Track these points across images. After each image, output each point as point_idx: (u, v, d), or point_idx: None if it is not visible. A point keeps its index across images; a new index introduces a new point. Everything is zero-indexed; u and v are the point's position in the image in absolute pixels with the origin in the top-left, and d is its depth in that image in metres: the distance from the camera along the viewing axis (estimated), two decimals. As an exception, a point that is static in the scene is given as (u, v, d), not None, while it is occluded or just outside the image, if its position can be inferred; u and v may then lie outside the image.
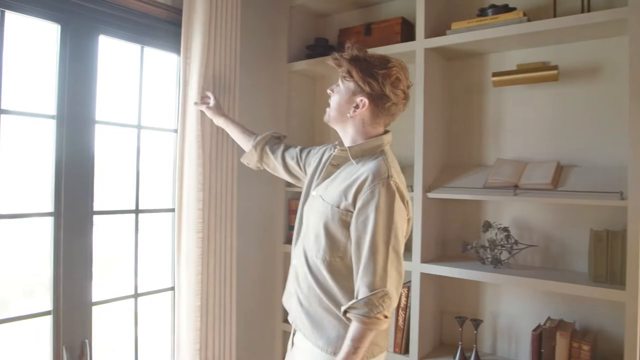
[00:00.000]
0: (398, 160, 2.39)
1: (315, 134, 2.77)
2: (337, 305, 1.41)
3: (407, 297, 2.15)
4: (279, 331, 2.59)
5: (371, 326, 1.31)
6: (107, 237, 1.96)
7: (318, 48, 2.54)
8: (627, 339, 1.65)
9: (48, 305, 1.74)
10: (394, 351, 2.17)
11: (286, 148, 1.80)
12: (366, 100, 1.43)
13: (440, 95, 2.23)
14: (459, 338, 2.13)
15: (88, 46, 1.81)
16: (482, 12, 2.03)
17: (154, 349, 2.16)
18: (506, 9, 1.97)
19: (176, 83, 2.15)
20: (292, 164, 1.77)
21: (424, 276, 2.10)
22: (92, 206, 1.84)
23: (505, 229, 2.02)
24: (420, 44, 2.11)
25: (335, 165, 1.52)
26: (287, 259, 2.59)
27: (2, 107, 1.61)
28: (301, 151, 1.75)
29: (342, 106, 1.47)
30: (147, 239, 2.07)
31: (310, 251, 1.47)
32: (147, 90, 2.03)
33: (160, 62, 2.13)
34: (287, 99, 2.58)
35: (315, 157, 1.68)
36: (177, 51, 2.06)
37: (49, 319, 1.75)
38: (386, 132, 1.53)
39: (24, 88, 1.71)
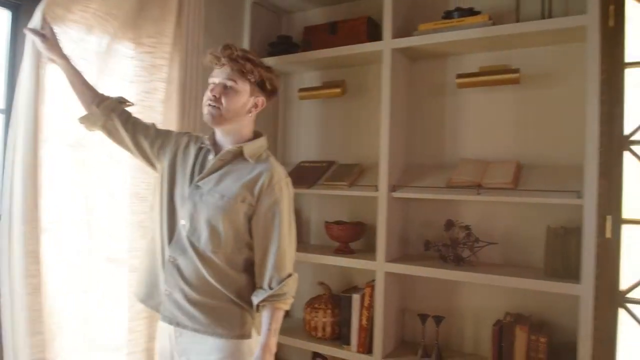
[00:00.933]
0: (362, 160, 2.43)
1: (277, 131, 2.73)
2: (238, 294, 1.49)
3: (371, 296, 2.16)
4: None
5: (285, 307, 1.50)
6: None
7: (281, 45, 2.49)
8: (581, 330, 1.73)
9: None
10: (358, 351, 2.17)
11: (136, 122, 1.65)
12: (265, 100, 1.55)
13: (403, 96, 2.26)
14: (420, 335, 2.16)
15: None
16: (448, 15, 2.07)
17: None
18: (471, 12, 2.02)
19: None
20: (144, 143, 1.61)
21: (387, 275, 2.11)
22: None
23: (467, 227, 2.07)
24: (388, 44, 2.12)
25: (223, 160, 1.51)
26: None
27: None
28: (157, 135, 1.63)
29: (242, 108, 1.50)
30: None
31: (203, 245, 1.46)
32: None
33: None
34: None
35: (173, 146, 1.60)
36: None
37: None
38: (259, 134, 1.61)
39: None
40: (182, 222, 1.49)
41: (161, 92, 1.88)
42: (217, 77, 1.47)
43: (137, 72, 1.87)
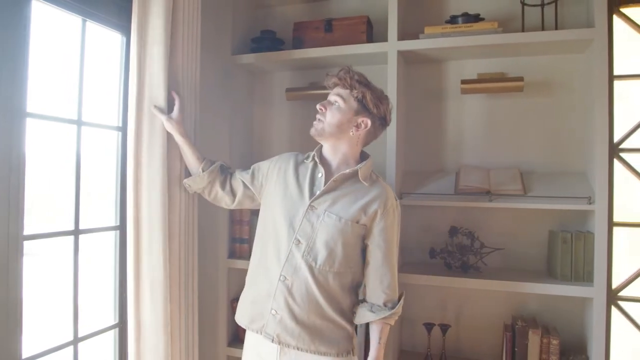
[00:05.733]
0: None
1: (254, 132, 2.52)
2: (342, 314, 1.56)
3: (379, 308, 2.07)
4: (223, 356, 2.29)
5: (393, 323, 1.60)
6: (36, 270, 1.49)
7: (265, 41, 2.29)
8: (595, 330, 1.81)
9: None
10: (361, 365, 2.07)
11: (231, 178, 1.76)
12: (369, 122, 1.56)
13: (400, 100, 2.19)
14: (420, 345, 2.12)
15: (18, 12, 1.34)
16: (453, 20, 2.04)
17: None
18: (477, 18, 2.01)
19: (120, 69, 1.72)
20: (241, 192, 1.73)
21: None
22: (22, 229, 1.37)
23: (471, 234, 2.07)
24: (393, 46, 2.04)
25: (337, 181, 1.56)
26: (231, 274, 2.30)
27: None
28: (253, 176, 1.72)
29: (344, 124, 1.54)
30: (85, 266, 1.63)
31: (321, 265, 1.51)
32: (89, 77, 1.59)
33: (101, 41, 1.69)
34: (231, 96, 2.29)
35: (278, 169, 1.66)
36: (123, 30, 1.65)
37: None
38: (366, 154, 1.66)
39: None
40: (297, 242, 1.52)
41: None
42: (329, 96, 1.57)
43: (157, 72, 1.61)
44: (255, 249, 1.65)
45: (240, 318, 1.62)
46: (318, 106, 1.57)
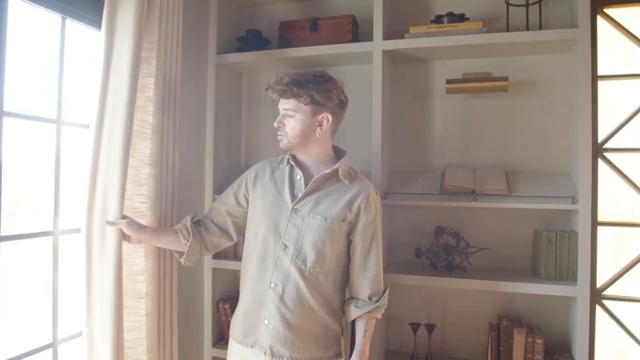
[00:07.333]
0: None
1: (239, 133, 2.51)
2: (333, 314, 1.56)
3: (364, 308, 2.06)
4: (208, 357, 2.27)
5: (380, 317, 1.61)
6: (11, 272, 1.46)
7: (251, 41, 2.28)
8: (579, 329, 1.81)
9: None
10: (347, 365, 2.06)
11: (212, 218, 1.67)
12: (329, 115, 1.53)
13: (386, 99, 2.19)
14: (407, 345, 2.12)
15: (-7, 9, 1.32)
16: (438, 19, 2.04)
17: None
18: (461, 18, 2.01)
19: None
20: (231, 225, 1.66)
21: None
22: (-2, 230, 1.34)
23: (457, 234, 2.07)
24: (378, 45, 2.04)
25: (317, 181, 1.54)
26: (216, 275, 2.29)
27: None
28: (236, 198, 1.65)
29: (306, 130, 1.52)
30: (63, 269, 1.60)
31: (311, 267, 1.50)
32: (69, 75, 1.57)
33: (84, 40, 1.66)
34: (215, 95, 2.27)
35: (254, 177, 1.63)
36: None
37: None
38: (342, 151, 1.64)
39: None
40: (284, 247, 1.50)
41: (150, 90, 1.59)
42: (280, 108, 1.52)
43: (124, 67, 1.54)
44: (243, 262, 1.62)
45: (235, 334, 1.58)
46: (275, 124, 1.53)
